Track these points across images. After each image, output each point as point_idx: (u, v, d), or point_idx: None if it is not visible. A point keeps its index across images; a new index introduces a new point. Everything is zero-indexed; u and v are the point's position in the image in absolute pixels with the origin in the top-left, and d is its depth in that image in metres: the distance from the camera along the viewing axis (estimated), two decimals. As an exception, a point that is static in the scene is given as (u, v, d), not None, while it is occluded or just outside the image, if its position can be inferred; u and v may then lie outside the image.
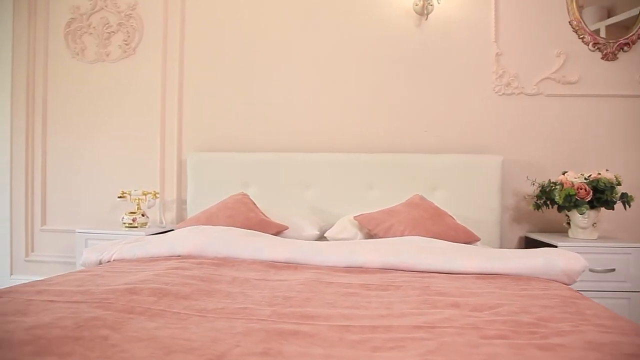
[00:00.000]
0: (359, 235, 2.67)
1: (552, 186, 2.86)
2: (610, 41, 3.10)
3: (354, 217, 2.69)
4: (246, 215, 2.65)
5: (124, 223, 3.18)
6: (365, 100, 3.30)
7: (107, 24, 3.52)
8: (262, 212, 2.76)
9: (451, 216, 2.65)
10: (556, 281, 1.94)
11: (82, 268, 2.31)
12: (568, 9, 3.15)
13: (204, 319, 1.34)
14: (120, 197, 3.24)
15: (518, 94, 3.19)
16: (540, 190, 2.94)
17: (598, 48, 3.13)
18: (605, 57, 3.13)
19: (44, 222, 3.64)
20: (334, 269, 2.02)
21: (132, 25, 3.50)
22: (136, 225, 3.17)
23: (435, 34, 3.25)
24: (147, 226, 3.22)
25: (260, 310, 1.42)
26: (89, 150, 3.58)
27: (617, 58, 3.11)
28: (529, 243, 3.06)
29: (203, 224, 2.61)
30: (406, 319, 1.37)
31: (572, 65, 3.15)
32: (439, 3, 3.12)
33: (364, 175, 3.15)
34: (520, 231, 3.19)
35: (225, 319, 1.34)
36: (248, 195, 2.90)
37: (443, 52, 3.25)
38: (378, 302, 1.56)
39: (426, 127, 3.26)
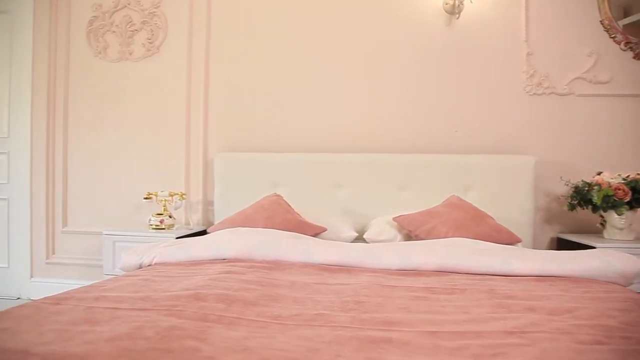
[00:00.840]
0: (398, 236, 2.64)
1: (587, 187, 2.83)
2: (643, 41, 3.09)
3: (393, 219, 2.66)
4: (284, 217, 2.61)
5: (151, 225, 3.12)
6: (396, 99, 3.26)
7: (130, 22, 3.46)
8: (298, 214, 2.71)
9: (492, 217, 2.62)
10: (614, 283, 1.92)
11: (123, 272, 2.26)
12: (599, 8, 3.13)
13: (284, 326, 1.30)
14: (146, 198, 3.18)
15: (549, 93, 3.16)
16: (574, 191, 2.91)
17: (630, 47, 3.11)
18: (637, 57, 3.11)
19: (65, 224, 3.57)
20: (387, 271, 1.98)
21: (156, 24, 3.44)
22: (163, 227, 3.11)
23: (466, 33, 3.22)
24: (174, 228, 3.16)
25: (337, 317, 1.38)
26: (112, 151, 3.52)
27: (650, 58, 3.10)
28: (562, 244, 3.04)
29: (240, 226, 2.56)
30: (491, 324, 1.34)
31: (604, 64, 3.13)
32: (471, 2, 3.08)
33: (396, 176, 3.11)
34: (552, 232, 3.17)
35: (307, 327, 1.30)
36: (282, 197, 2.85)
37: (473, 52, 3.22)
38: (451, 306, 1.53)
39: (457, 127, 3.23)
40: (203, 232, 3.29)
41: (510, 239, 2.50)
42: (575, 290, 1.76)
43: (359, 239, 2.76)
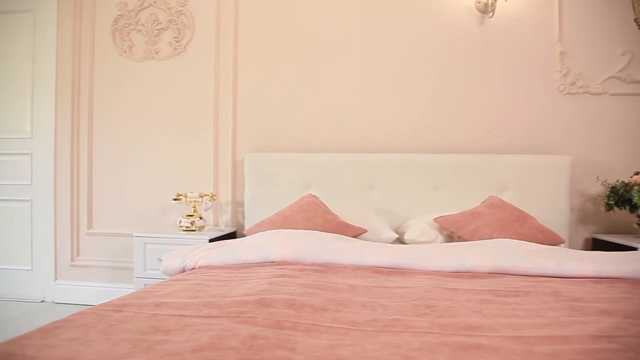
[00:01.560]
0: (440, 238, 2.60)
1: (625, 187, 2.80)
2: (679, 39, 3.05)
3: (434, 219, 2.62)
4: (324, 218, 2.57)
5: (181, 226, 3.08)
6: (428, 99, 3.23)
7: (157, 20, 3.42)
8: (337, 215, 2.67)
9: (534, 218, 2.59)
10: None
11: (166, 275, 2.22)
12: (634, 7, 3.10)
13: (365, 333, 1.26)
14: (175, 199, 3.14)
15: (582, 93, 3.13)
16: (610, 191, 2.88)
17: (665, 46, 3.08)
18: (671, 56, 3.08)
19: (90, 226, 3.53)
20: (442, 274, 1.94)
21: (182, 22, 3.40)
22: (194, 228, 3.07)
23: (498, 32, 3.18)
24: (205, 229, 3.12)
25: (414, 322, 1.34)
26: (137, 151, 3.48)
27: (685, 56, 3.07)
28: (597, 245, 3.00)
29: (279, 227, 2.52)
30: (573, 328, 1.30)
31: (638, 63, 3.10)
32: (506, 0, 3.05)
33: (430, 176, 3.08)
34: (587, 232, 3.13)
35: (388, 333, 1.26)
36: (318, 197, 2.81)
37: (505, 51, 3.18)
38: (522, 309, 1.49)
39: (489, 127, 3.19)
40: (233, 234, 3.25)
41: (554, 240, 2.47)
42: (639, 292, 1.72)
43: (399, 240, 2.73)
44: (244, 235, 3.11)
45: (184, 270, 2.13)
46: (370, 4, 3.26)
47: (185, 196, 3.15)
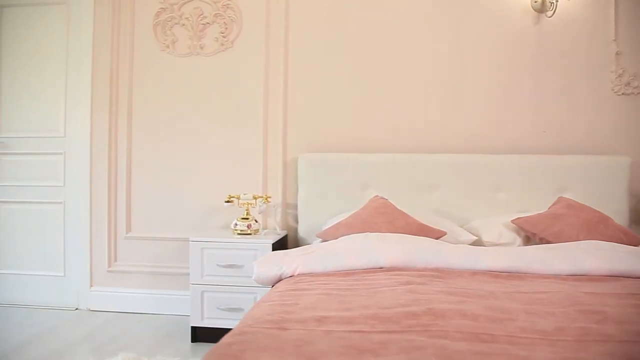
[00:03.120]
0: (518, 239, 2.55)
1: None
2: None
3: (512, 221, 2.57)
4: (405, 221, 2.49)
5: (236, 230, 2.95)
6: (484, 99, 3.18)
7: (202, 14, 3.27)
8: (415, 218, 2.59)
9: (612, 219, 2.57)
10: None
11: (258, 284, 2.10)
12: (686, 9, 3.13)
13: (577, 343, 1.19)
14: (227, 201, 3.00)
15: (637, 94, 3.14)
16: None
17: None
18: None
19: (129, 229, 3.35)
20: (560, 277, 1.90)
21: (229, 17, 3.26)
22: (249, 232, 2.94)
23: (554, 32, 3.15)
24: (262, 233, 3.00)
25: (604, 329, 1.27)
26: (180, 151, 3.32)
27: None
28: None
29: (360, 231, 2.42)
30: None
31: (691, 65, 3.13)
32: (568, 0, 3.03)
33: (490, 177, 3.03)
34: (643, 234, 3.14)
35: (596, 343, 1.19)
36: (387, 199, 2.72)
37: (561, 50, 3.16)
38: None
39: (545, 127, 3.17)
40: (285, 238, 3.14)
41: (637, 241, 2.45)
42: None
43: (474, 242, 2.67)
44: (297, 239, 3.03)
45: (280, 278, 2.01)
46: (427, 2, 3.19)
47: (238, 198, 3.02)
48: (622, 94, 3.15)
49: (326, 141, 3.21)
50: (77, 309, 3.38)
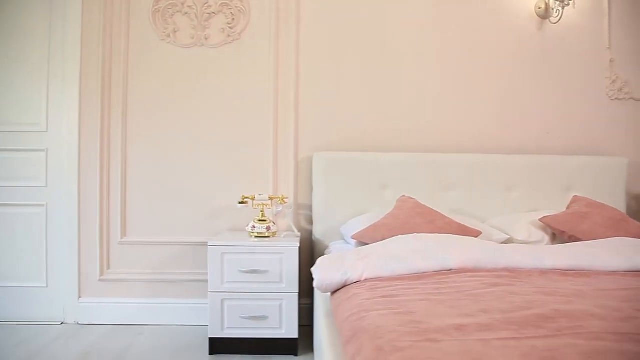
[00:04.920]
0: (546, 238, 2.61)
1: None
2: None
3: (540, 219, 2.63)
4: (444, 221, 2.46)
5: (253, 232, 2.78)
6: (494, 101, 3.23)
7: (207, 3, 3.06)
8: (451, 218, 2.57)
9: (628, 216, 2.70)
10: None
11: (321, 291, 1.98)
12: (672, 20, 3.36)
13: None
14: (241, 202, 2.83)
15: (628, 99, 3.33)
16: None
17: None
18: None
19: (124, 234, 3.07)
20: (618, 273, 1.95)
21: (237, 7, 3.08)
22: (268, 235, 2.79)
23: (556, 38, 3.27)
24: (282, 235, 2.85)
25: None
26: (180, 148, 3.09)
27: None
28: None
29: (400, 232, 2.35)
30: None
31: (677, 72, 3.35)
32: (574, 7, 3.15)
33: (502, 177, 3.09)
34: (633, 230, 3.34)
35: None
36: (415, 199, 2.69)
37: (562, 56, 3.28)
38: None
39: (548, 129, 3.28)
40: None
41: (659, 238, 2.58)
42: None
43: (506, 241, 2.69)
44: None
45: (345, 284, 1.90)
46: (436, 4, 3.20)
47: (253, 199, 2.85)
48: (616, 99, 3.33)
49: (338, 140, 3.13)
50: (62, 323, 3.04)
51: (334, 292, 1.95)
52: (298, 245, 2.64)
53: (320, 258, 2.09)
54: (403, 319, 1.38)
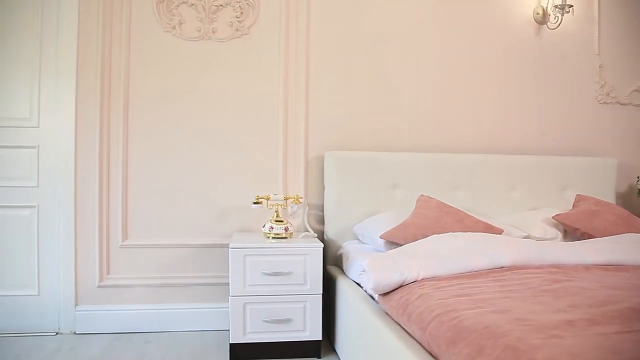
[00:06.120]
0: (559, 234, 2.71)
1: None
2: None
3: (553, 217, 2.73)
4: (471, 220, 2.49)
5: (270, 234, 2.70)
6: (495, 103, 3.31)
7: (214, -5, 2.94)
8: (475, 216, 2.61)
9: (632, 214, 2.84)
10: None
11: (374, 293, 1.94)
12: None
13: None
14: (255, 202, 2.74)
15: (614, 103, 3.53)
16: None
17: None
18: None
19: (125, 237, 2.88)
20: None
21: (246, 1, 2.97)
22: (285, 235, 2.71)
23: (551, 43, 3.40)
24: (299, 236, 2.78)
25: None
26: (186, 147, 2.95)
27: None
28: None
29: (431, 231, 2.36)
30: None
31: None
32: (573, 14, 3.29)
33: (506, 176, 3.18)
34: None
35: None
36: (436, 198, 2.70)
37: (555, 61, 3.42)
38: None
39: (544, 130, 3.41)
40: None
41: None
42: None
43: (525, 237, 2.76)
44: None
45: (401, 285, 1.88)
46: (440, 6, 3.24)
47: (267, 199, 2.77)
48: (604, 102, 3.51)
49: (347, 139, 3.10)
50: (57, 333, 2.82)
51: (385, 293, 1.92)
52: (322, 245, 2.59)
53: (367, 260, 2.05)
54: (505, 317, 1.37)
